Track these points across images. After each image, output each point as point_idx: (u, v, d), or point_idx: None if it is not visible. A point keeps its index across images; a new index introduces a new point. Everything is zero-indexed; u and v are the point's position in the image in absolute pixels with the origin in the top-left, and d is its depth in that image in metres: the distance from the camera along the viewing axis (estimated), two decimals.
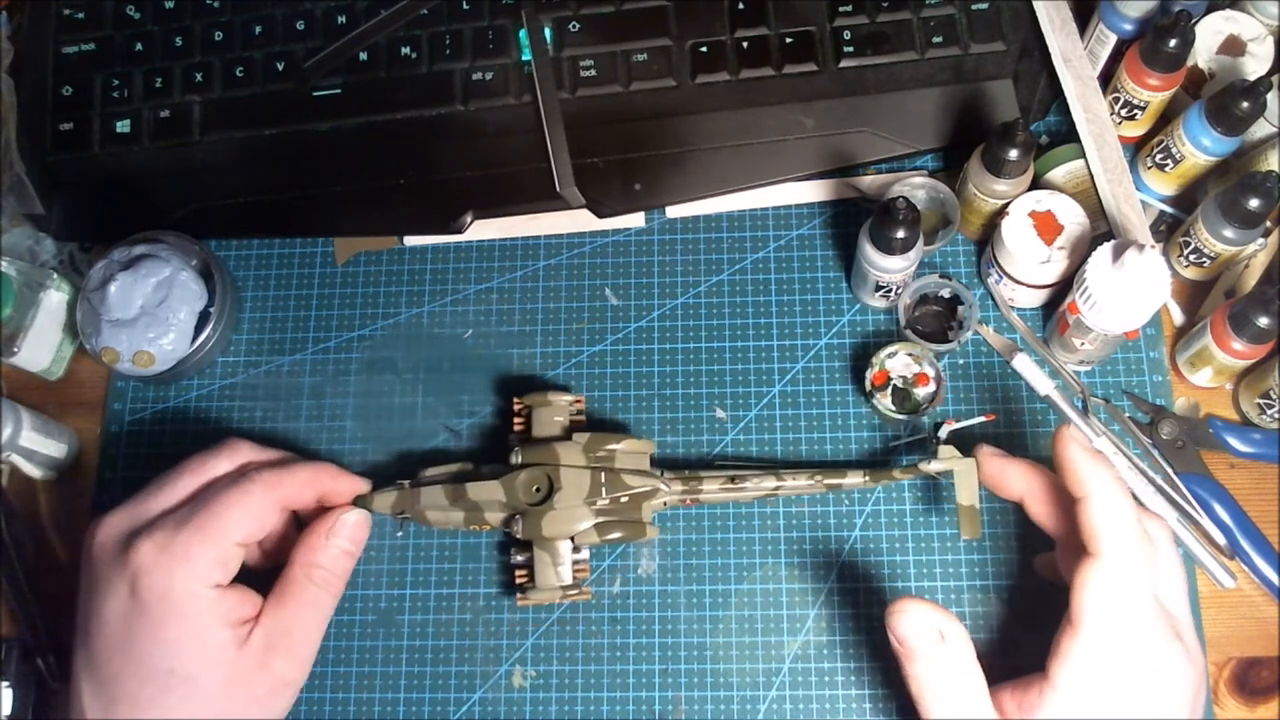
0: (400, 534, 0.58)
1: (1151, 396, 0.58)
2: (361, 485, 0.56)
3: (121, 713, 0.48)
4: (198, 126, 0.66)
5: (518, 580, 0.56)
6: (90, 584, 0.51)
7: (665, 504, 0.56)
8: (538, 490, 0.55)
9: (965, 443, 0.52)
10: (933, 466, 0.53)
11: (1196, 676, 0.45)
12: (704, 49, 0.64)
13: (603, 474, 0.55)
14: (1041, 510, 0.49)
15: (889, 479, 0.55)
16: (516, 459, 0.55)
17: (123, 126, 0.66)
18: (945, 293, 0.59)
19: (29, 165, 0.65)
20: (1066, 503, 0.47)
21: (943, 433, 0.54)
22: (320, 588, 0.52)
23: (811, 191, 0.64)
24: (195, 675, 0.48)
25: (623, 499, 0.55)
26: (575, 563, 0.55)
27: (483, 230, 0.64)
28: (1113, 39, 0.59)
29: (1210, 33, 0.59)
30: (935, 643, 0.45)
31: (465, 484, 0.55)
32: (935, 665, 0.45)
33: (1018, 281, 0.57)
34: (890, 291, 0.58)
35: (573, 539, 0.54)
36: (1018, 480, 0.50)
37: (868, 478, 0.55)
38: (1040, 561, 0.55)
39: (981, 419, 0.56)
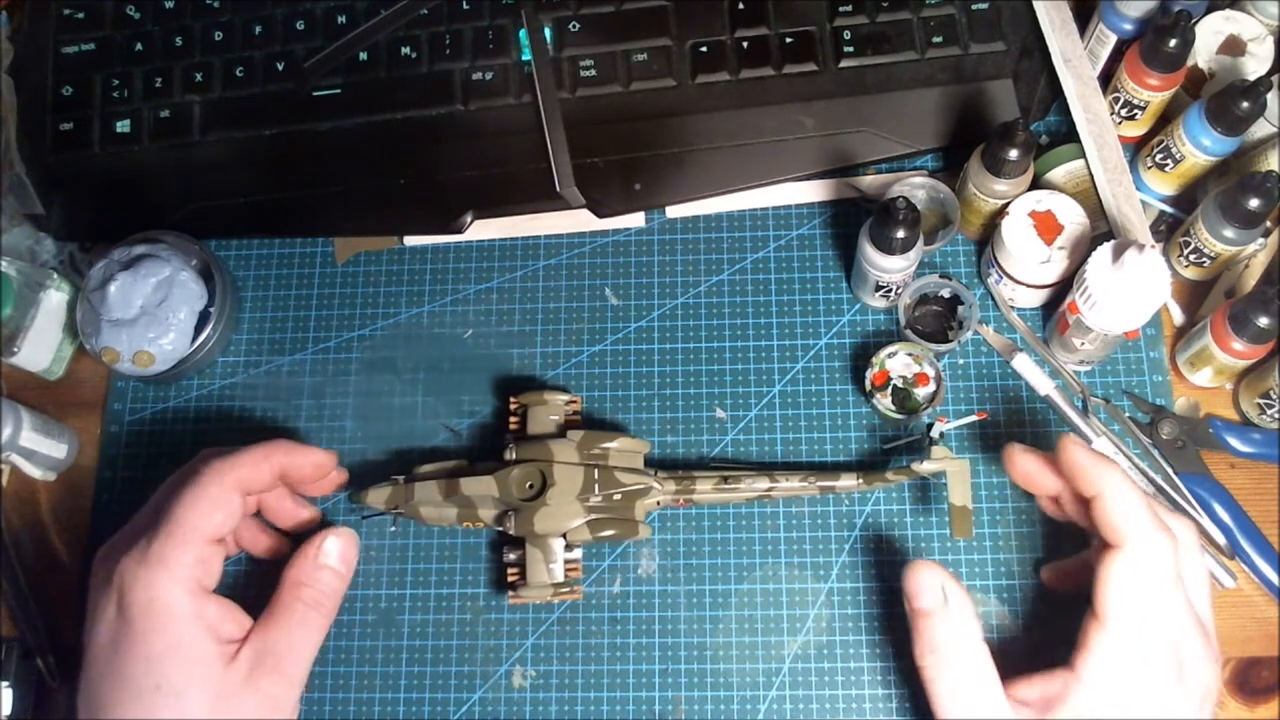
0: (394, 529, 0.58)
1: (1151, 396, 0.58)
2: (321, 456, 0.54)
3: None
4: (198, 126, 0.66)
5: (509, 578, 0.56)
6: (88, 615, 0.50)
7: (659, 503, 0.56)
8: (531, 486, 0.55)
9: (962, 443, 0.52)
10: (925, 467, 0.53)
11: (1215, 675, 0.45)
12: (704, 49, 0.64)
13: (596, 471, 0.55)
14: (1075, 507, 0.49)
15: (883, 482, 0.55)
16: (511, 455, 0.55)
17: (123, 126, 0.66)
18: (945, 293, 0.59)
19: (29, 165, 0.65)
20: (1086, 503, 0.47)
21: (935, 432, 0.54)
22: (310, 607, 0.51)
23: (811, 191, 0.64)
24: (181, 691, 0.47)
25: (615, 496, 0.54)
26: (567, 562, 0.55)
27: (483, 230, 0.64)
28: (1113, 39, 0.59)
29: (1210, 33, 0.59)
30: (940, 603, 0.47)
31: (459, 479, 0.55)
32: (938, 624, 0.47)
33: (1018, 281, 0.57)
34: (890, 291, 0.58)
35: (565, 537, 0.54)
36: (1049, 479, 0.50)
37: (861, 481, 0.55)
38: (1048, 573, 0.55)
39: (973, 418, 0.56)
